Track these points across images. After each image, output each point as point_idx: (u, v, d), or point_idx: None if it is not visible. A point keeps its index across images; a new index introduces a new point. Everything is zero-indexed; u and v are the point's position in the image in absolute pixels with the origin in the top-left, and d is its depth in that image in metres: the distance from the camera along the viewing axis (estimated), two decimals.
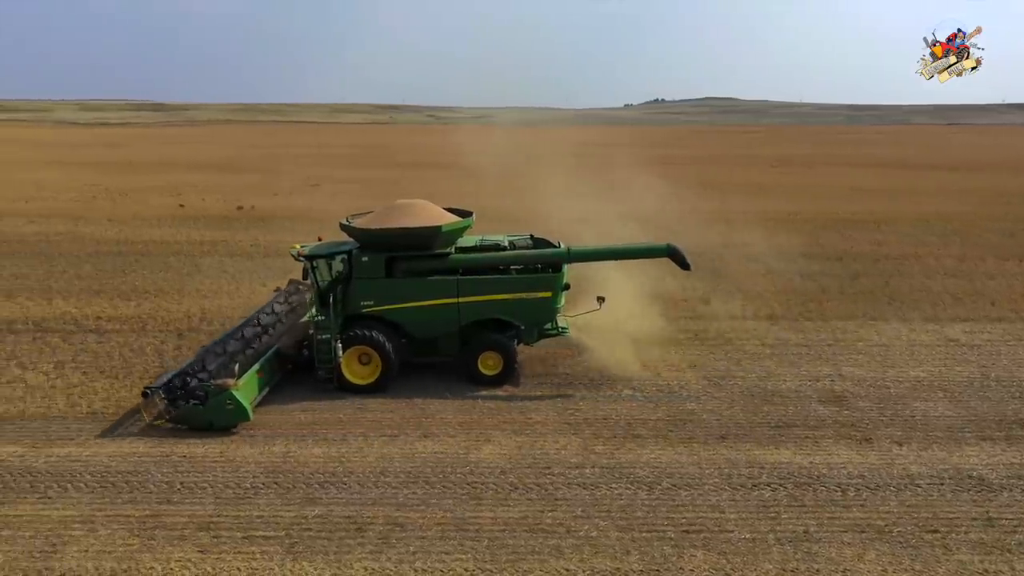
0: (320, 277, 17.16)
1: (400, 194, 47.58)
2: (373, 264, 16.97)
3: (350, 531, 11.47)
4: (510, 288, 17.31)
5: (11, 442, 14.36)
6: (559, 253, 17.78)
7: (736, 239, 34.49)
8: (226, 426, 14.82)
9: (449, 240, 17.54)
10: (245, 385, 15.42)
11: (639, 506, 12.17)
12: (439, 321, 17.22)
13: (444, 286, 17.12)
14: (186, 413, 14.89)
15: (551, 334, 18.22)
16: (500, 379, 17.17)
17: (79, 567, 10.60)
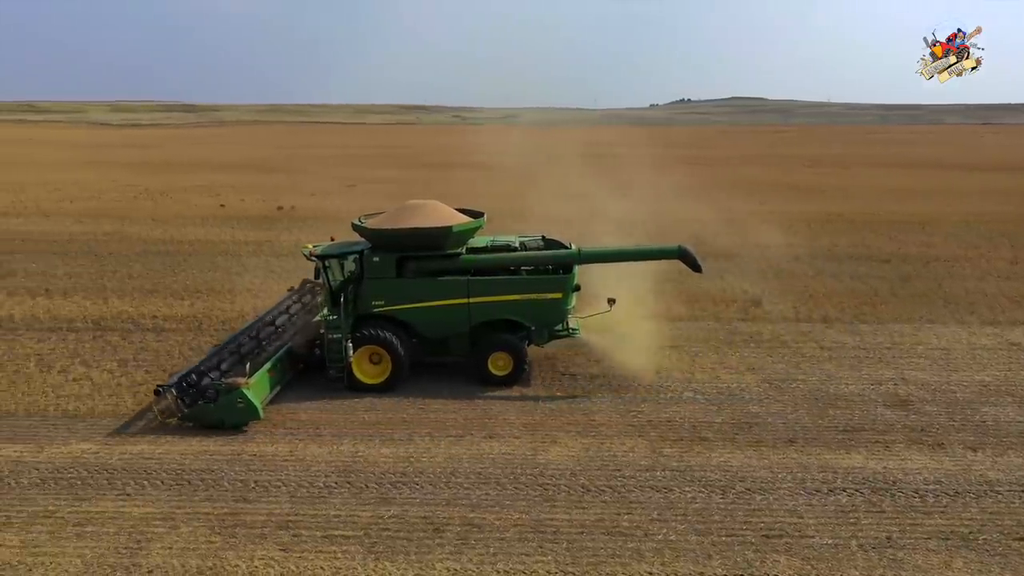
0: (332, 277, 17.20)
1: (433, 194, 47.83)
2: (384, 264, 17.05)
3: (428, 532, 11.49)
4: (520, 289, 17.31)
5: (85, 439, 14.57)
6: (569, 254, 17.73)
7: (780, 240, 34.15)
8: (237, 424, 14.91)
9: (460, 240, 17.56)
10: (256, 384, 15.49)
11: (715, 510, 12.07)
12: (450, 321, 17.22)
13: (455, 286, 17.14)
14: (197, 411, 15.03)
15: (561, 335, 18.13)
16: (510, 380, 17.15)
17: (165, 564, 10.71)
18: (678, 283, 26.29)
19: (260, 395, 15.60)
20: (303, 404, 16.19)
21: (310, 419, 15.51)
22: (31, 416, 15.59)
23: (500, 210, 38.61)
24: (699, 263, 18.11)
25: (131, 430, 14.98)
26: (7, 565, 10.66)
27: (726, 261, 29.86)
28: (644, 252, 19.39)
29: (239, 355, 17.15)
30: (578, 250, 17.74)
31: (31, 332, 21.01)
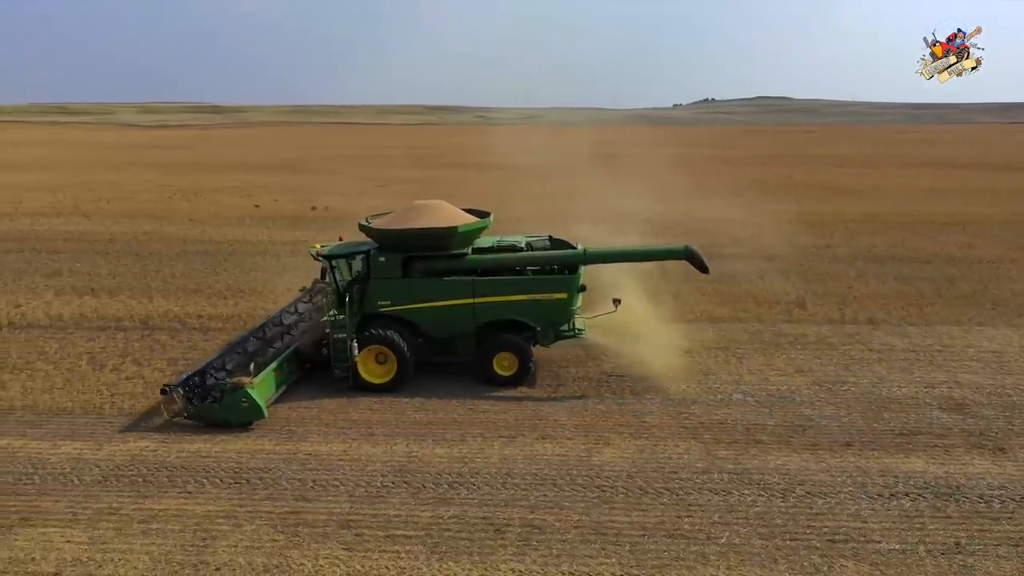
0: (340, 276, 17.28)
1: (463, 195, 47.99)
2: (390, 264, 17.08)
3: (489, 532, 11.49)
4: (526, 289, 17.25)
5: (141, 437, 14.73)
6: (575, 254, 17.63)
7: (819, 241, 33.95)
8: (241, 423, 15.02)
9: (466, 241, 17.55)
10: (261, 383, 15.57)
11: (776, 514, 11.95)
12: (455, 321, 17.23)
13: (460, 286, 17.12)
14: (203, 410, 15.18)
15: (568, 336, 18.07)
16: (515, 380, 17.13)
17: (232, 561, 10.80)
18: (719, 284, 26.17)
19: (265, 394, 15.68)
20: (353, 403, 16.26)
21: (361, 418, 15.58)
22: (88, 414, 15.79)
23: (532, 212, 38.73)
24: (706, 264, 18.01)
25: (186, 429, 15.11)
26: (77, 561, 10.80)
27: (765, 262, 29.61)
28: (650, 252, 19.27)
29: (246, 355, 17.27)
30: (584, 250, 17.66)
31: (81, 331, 21.29)
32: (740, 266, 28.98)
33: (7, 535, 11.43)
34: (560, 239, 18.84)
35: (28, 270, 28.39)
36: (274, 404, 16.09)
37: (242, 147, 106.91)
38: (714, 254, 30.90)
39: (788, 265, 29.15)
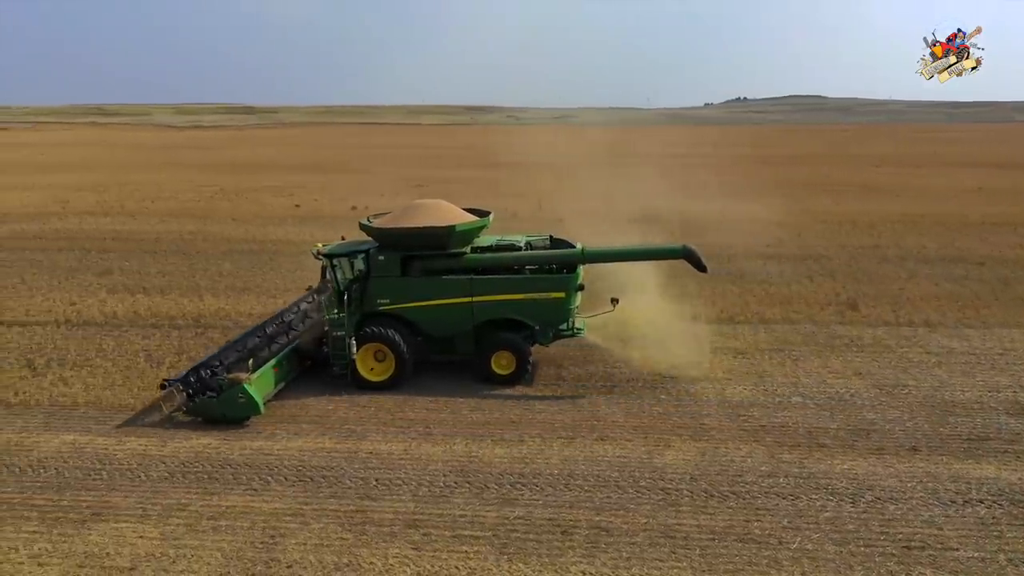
0: (342, 275, 17.39)
1: (498, 194, 47.92)
2: (389, 263, 17.18)
3: (556, 534, 11.42)
4: (523, 288, 17.25)
5: (204, 434, 14.89)
6: (572, 254, 17.60)
7: (865, 241, 33.43)
8: (238, 418, 15.20)
9: (464, 240, 17.54)
10: (258, 380, 15.75)
11: (848, 519, 11.74)
12: (454, 320, 17.26)
13: (458, 285, 17.17)
14: (201, 405, 15.38)
15: (566, 335, 18.01)
16: (513, 379, 17.14)
17: (302, 559, 10.85)
18: (768, 285, 25.92)
19: (263, 391, 15.83)
20: (410, 402, 16.30)
21: (418, 418, 15.60)
22: (150, 411, 15.98)
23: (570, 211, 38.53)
24: (704, 263, 17.89)
25: (246, 426, 15.24)
26: (151, 557, 10.93)
27: (813, 263, 29.27)
28: (648, 252, 19.13)
29: (246, 351, 17.44)
30: (581, 250, 17.62)
31: (135, 328, 21.61)
32: (787, 267, 28.66)
33: (80, 529, 11.61)
34: (560, 238, 18.87)
35: (80, 268, 28.90)
36: (334, 402, 16.23)
37: (277, 147, 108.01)
38: (758, 254, 30.87)
39: (835, 266, 28.74)
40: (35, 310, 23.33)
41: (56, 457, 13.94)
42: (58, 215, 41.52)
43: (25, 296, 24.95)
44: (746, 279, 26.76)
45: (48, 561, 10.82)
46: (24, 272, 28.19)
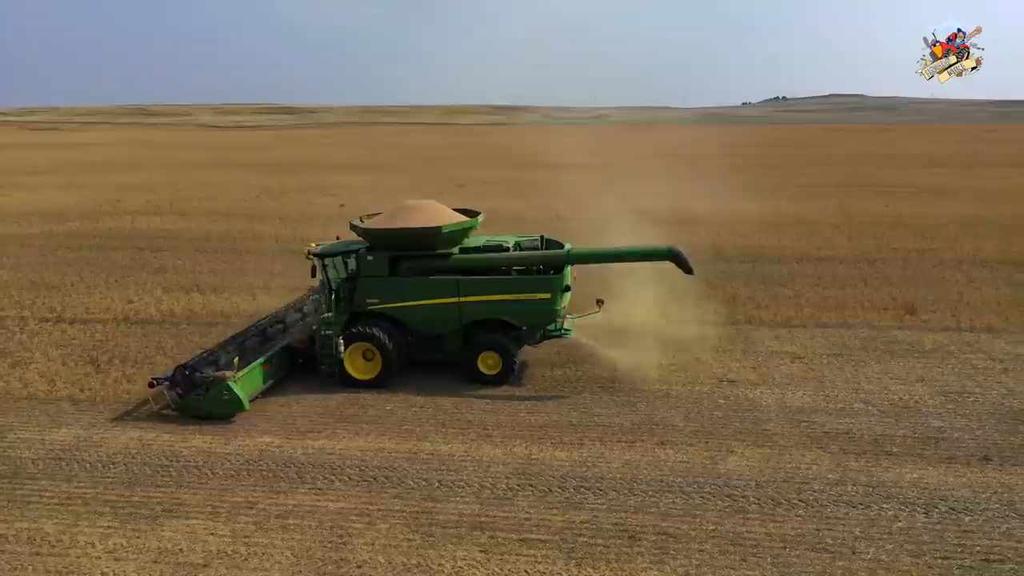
0: (336, 275, 17.70)
1: (541, 194, 47.80)
2: (378, 263, 17.40)
3: (623, 539, 11.34)
4: (509, 289, 17.29)
5: (265, 432, 15.08)
6: (557, 255, 17.70)
7: (920, 244, 32.71)
8: (223, 415, 15.46)
9: (451, 241, 17.64)
10: (245, 377, 16.01)
11: (922, 530, 11.48)
12: (441, 320, 17.40)
13: (445, 286, 17.31)
14: (189, 402, 15.71)
15: (553, 335, 18.07)
16: (499, 379, 17.22)
17: (372, 560, 10.91)
18: (821, 288, 25.53)
19: (249, 389, 16.10)
20: (467, 403, 16.34)
21: (476, 419, 15.61)
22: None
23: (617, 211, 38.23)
24: (690, 264, 17.71)
25: (305, 425, 15.40)
26: (223, 554, 11.07)
27: (866, 266, 28.74)
28: (634, 253, 18.88)
29: (240, 350, 17.69)
30: (567, 251, 17.71)
31: (192, 326, 21.96)
32: (840, 270, 28.20)
33: (153, 525, 11.81)
34: (553, 239, 18.92)
35: (135, 267, 29.46)
36: (392, 402, 16.38)
37: (318, 147, 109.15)
38: (810, 257, 30.40)
39: (890, 269, 28.17)
40: (94, 307, 23.83)
41: (124, 453, 14.21)
42: (111, 214, 42.40)
43: (84, 294, 25.50)
44: (798, 282, 26.37)
45: (124, 556, 11.03)
46: (82, 270, 28.83)
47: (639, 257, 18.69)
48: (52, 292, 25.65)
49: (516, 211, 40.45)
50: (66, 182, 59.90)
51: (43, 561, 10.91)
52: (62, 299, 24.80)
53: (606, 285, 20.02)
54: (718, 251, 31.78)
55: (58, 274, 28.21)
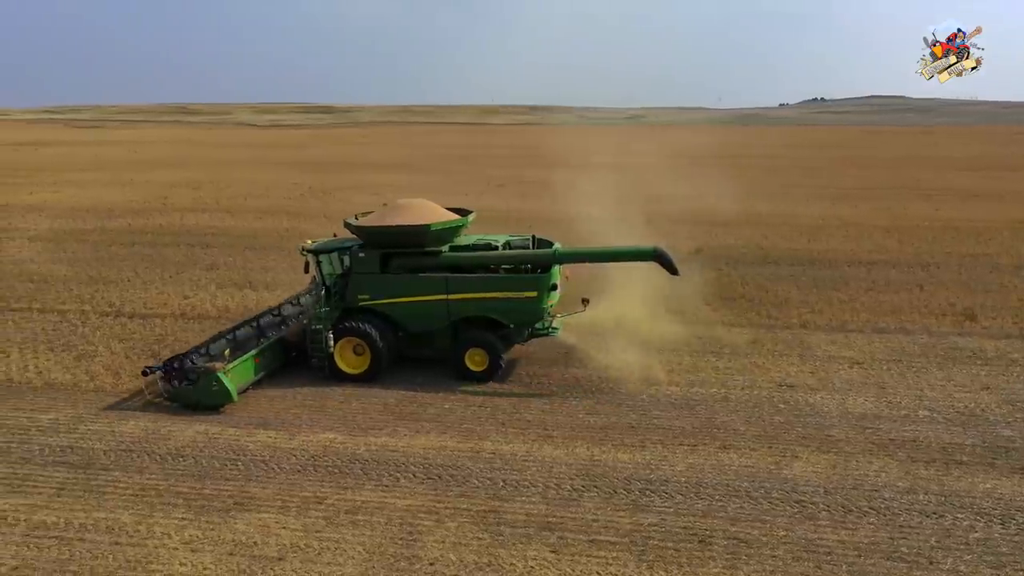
0: (329, 271, 18.13)
1: (577, 195, 47.62)
2: (369, 260, 17.72)
3: (693, 543, 11.28)
4: (496, 287, 17.53)
5: (328, 429, 15.23)
6: (543, 254, 17.93)
7: (974, 249, 32.10)
8: (212, 406, 15.78)
9: (441, 239, 17.88)
10: (235, 369, 16.34)
11: (1000, 542, 11.26)
12: (430, 316, 17.69)
13: (434, 283, 17.58)
14: (180, 392, 16.08)
15: (541, 334, 18.28)
16: (486, 375, 17.44)
17: (443, 557, 10.98)
18: (876, 293, 25.16)
19: (239, 380, 16.39)
20: (524, 403, 16.38)
21: (536, 419, 15.63)
22: (273, 404, 16.43)
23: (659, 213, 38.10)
24: (675, 265, 17.69)
25: (366, 422, 15.54)
26: (296, 548, 11.21)
27: (920, 270, 28.27)
28: (619, 253, 18.99)
29: (233, 342, 18.02)
30: (554, 250, 17.88)
31: None
32: (893, 274, 27.76)
33: (226, 518, 12.00)
34: (543, 238, 19.09)
35: (187, 263, 29.96)
36: (450, 400, 16.49)
37: (357, 146, 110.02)
38: (861, 260, 29.97)
39: (945, 274, 27.65)
40: (151, 303, 24.29)
41: (192, 446, 14.45)
42: (160, 211, 43.16)
43: (140, 289, 26.00)
44: (851, 286, 26.02)
45: (200, 548, 11.22)
46: (137, 266, 29.39)
47: (625, 257, 18.88)
48: (110, 287, 26.20)
49: (554, 212, 40.42)
50: (113, 179, 61.11)
51: (122, 551, 11.13)
52: (120, 294, 25.31)
53: (658, 291, 20.06)
54: (765, 253, 31.51)
55: (114, 269, 28.80)
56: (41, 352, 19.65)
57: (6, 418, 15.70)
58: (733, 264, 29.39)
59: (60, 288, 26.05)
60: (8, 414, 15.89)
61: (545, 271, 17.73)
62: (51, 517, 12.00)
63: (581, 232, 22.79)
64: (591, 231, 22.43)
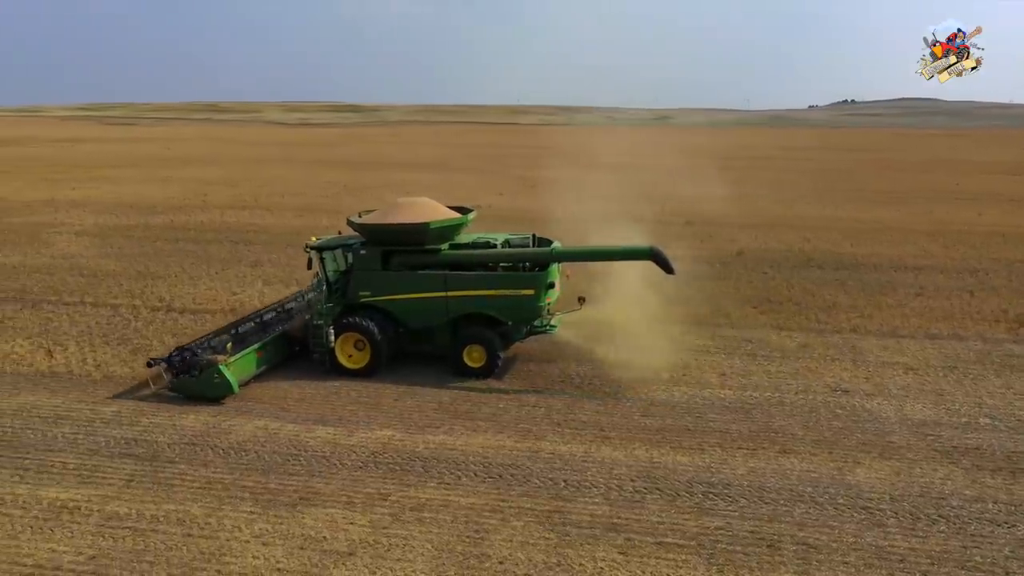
0: (332, 268, 18.51)
1: (612, 195, 47.50)
2: (371, 257, 18.05)
3: (762, 547, 11.21)
4: (494, 285, 17.72)
5: (384, 426, 15.33)
6: (541, 252, 18.18)
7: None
8: (214, 397, 16.12)
9: (441, 237, 18.09)
10: (237, 362, 16.75)
11: None
12: (429, 313, 17.94)
13: (434, 280, 17.84)
14: (183, 383, 16.41)
15: (539, 331, 18.55)
16: (484, 372, 17.66)
17: (512, 556, 11.01)
18: (925, 299, 24.84)
19: (240, 373, 16.76)
20: (578, 404, 16.38)
21: (591, 420, 15.63)
22: (329, 401, 16.58)
23: (702, 215, 37.86)
24: (671, 265, 17.62)
25: (422, 420, 15.62)
26: (366, 543, 11.30)
27: (969, 276, 27.90)
28: (616, 252, 18.99)
29: (237, 336, 18.36)
30: (551, 249, 18.10)
31: None
32: (941, 279, 27.42)
33: (293, 512, 12.12)
34: (544, 237, 19.21)
35: (232, 260, 30.30)
36: (504, 400, 16.55)
37: (387, 145, 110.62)
38: (907, 266, 29.64)
39: (995, 280, 27.27)
40: (200, 298, 24.59)
41: (253, 441, 14.62)
42: (200, 208, 43.70)
43: (189, 284, 26.34)
44: (899, 291, 25.72)
45: (271, 541, 11.34)
46: (183, 261, 29.78)
47: (621, 256, 18.94)
48: (158, 282, 26.56)
49: (591, 215, 40.34)
50: (150, 176, 61.97)
51: (196, 543, 11.29)
52: (169, 289, 25.65)
53: (702, 293, 19.99)
54: (808, 257, 31.26)
55: (161, 265, 29.20)
56: (98, 345, 19.98)
57: (71, 409, 15.99)
58: (777, 267, 29.18)
59: (110, 283, 26.47)
60: (72, 406, 16.18)
61: (543, 269, 17.91)
62: (123, 508, 12.20)
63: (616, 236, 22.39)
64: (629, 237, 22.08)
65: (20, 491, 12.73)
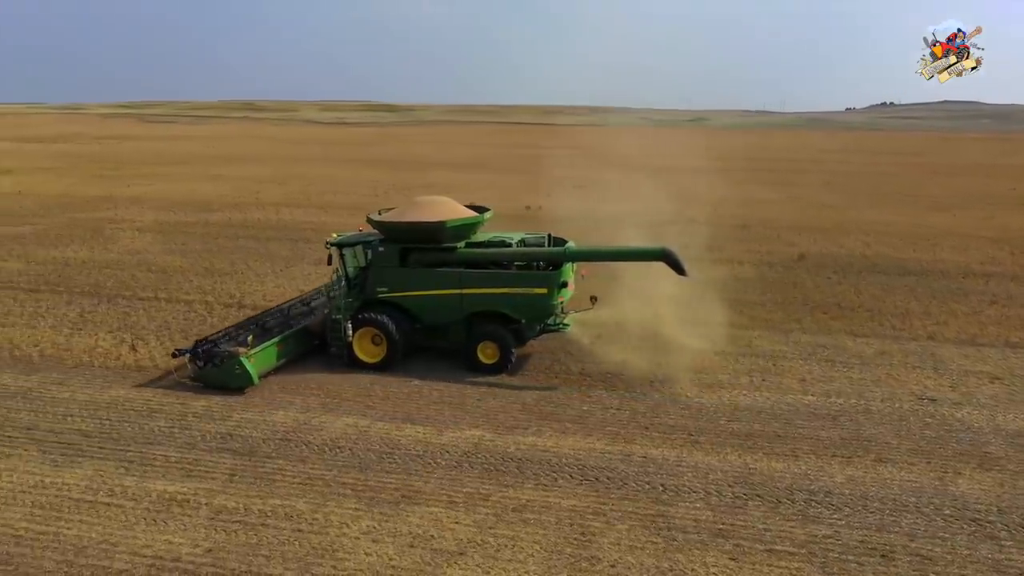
0: (352, 264, 18.87)
1: (662, 197, 47.22)
2: (389, 254, 18.41)
3: (875, 557, 11.08)
4: (507, 283, 17.98)
5: (472, 426, 15.40)
6: (554, 251, 18.46)
7: None
8: (235, 387, 16.62)
9: (457, 235, 18.40)
10: (259, 354, 17.19)
11: None
12: (444, 310, 18.26)
13: (449, 278, 18.12)
14: (206, 374, 16.92)
15: (552, 329, 18.77)
16: (497, 368, 17.98)
17: (622, 559, 11.00)
18: (999, 306, 24.41)
19: (261, 365, 17.24)
20: (662, 406, 16.33)
21: (678, 424, 15.58)
22: (413, 400, 16.69)
23: (753, 218, 37.45)
24: (683, 266, 17.47)
25: (508, 421, 15.65)
26: (474, 543, 11.36)
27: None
28: (628, 252, 19.13)
29: (260, 328, 18.74)
30: (564, 249, 18.33)
31: None
32: (1013, 287, 26.91)
33: (397, 510, 12.22)
34: (559, 237, 19.40)
35: (294, 258, 30.62)
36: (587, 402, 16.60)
37: (426, 145, 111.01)
38: (975, 272, 29.10)
39: None
40: (270, 295, 24.87)
41: (345, 438, 14.76)
42: (255, 205, 44.24)
43: (256, 282, 26.68)
44: (972, 299, 25.28)
45: (380, 539, 11.44)
46: (247, 258, 30.18)
47: (634, 257, 19.01)
48: (226, 279, 26.95)
49: (643, 217, 40.18)
50: (200, 173, 62.85)
51: (306, 538, 11.43)
52: (238, 286, 26.01)
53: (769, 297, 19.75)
54: (871, 262, 30.83)
55: (226, 262, 29.61)
56: (178, 340, 20.25)
57: (163, 404, 16.28)
58: (842, 272, 28.82)
59: (180, 279, 26.90)
60: (163, 400, 16.48)
61: (556, 268, 18.06)
62: (230, 502, 12.39)
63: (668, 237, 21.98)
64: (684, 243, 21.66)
65: (128, 483, 12.99)
